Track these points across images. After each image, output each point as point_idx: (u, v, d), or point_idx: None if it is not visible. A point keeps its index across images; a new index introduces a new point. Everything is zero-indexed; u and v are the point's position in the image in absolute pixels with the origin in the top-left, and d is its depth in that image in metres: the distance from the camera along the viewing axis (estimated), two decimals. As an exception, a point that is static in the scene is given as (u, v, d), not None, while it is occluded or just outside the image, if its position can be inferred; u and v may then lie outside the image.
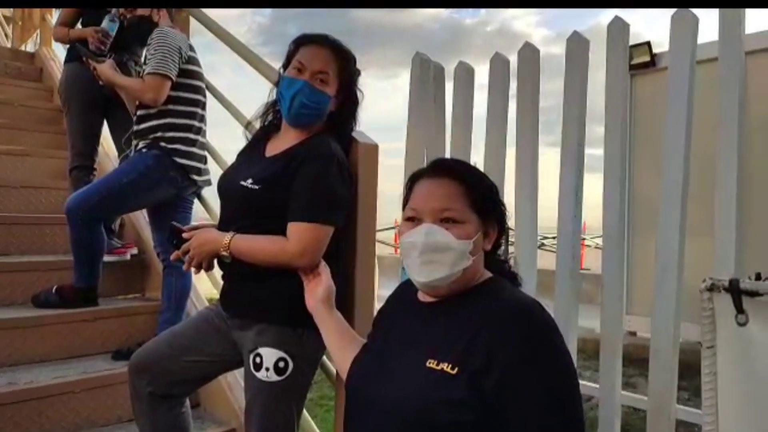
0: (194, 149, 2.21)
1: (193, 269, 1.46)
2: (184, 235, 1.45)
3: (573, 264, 1.78)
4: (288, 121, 1.47)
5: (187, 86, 2.20)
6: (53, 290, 2.22)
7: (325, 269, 1.29)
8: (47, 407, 1.88)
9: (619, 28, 1.71)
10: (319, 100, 1.43)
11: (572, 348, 1.78)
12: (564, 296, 1.80)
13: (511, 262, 1.15)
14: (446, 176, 1.03)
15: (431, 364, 0.94)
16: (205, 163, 2.30)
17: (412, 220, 1.03)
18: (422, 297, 1.08)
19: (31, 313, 2.16)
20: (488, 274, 1.07)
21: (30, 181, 2.87)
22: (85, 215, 2.10)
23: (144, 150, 2.16)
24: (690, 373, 3.36)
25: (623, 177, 1.71)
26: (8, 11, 4.86)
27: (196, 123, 2.23)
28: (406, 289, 1.13)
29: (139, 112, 2.20)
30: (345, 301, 1.52)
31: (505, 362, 0.89)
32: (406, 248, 1.02)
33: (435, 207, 1.01)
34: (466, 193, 1.02)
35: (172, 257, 1.50)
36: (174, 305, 2.23)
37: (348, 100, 1.50)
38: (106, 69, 2.23)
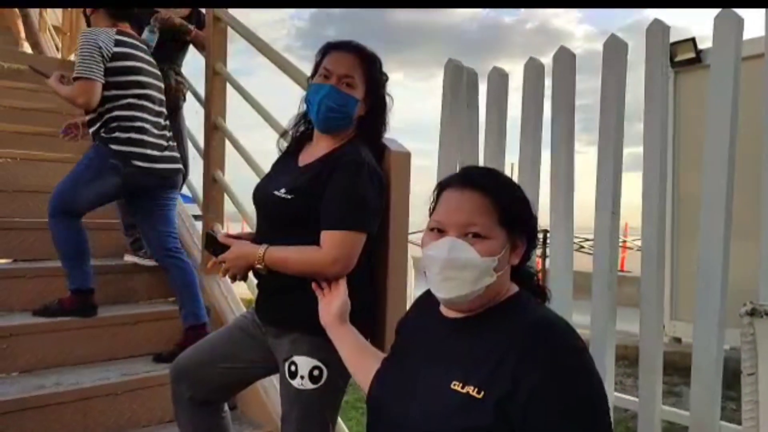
0: (134, 135, 2.22)
1: (229, 279, 1.50)
2: (220, 239, 1.49)
3: (611, 274, 1.74)
4: (318, 127, 1.49)
5: (118, 83, 2.22)
6: (56, 301, 2.23)
7: (339, 284, 1.24)
8: (91, 408, 1.95)
9: (658, 31, 1.65)
10: (346, 103, 1.44)
11: (610, 359, 1.74)
12: (601, 307, 1.75)
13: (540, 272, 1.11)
14: (474, 188, 0.99)
15: (456, 386, 0.92)
16: (162, 150, 2.31)
17: (435, 231, 1.00)
18: (446, 311, 1.05)
19: (76, 317, 2.24)
20: (514, 289, 1.03)
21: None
22: (54, 211, 2.20)
23: (90, 146, 2.26)
24: (739, 381, 3.23)
25: (662, 179, 1.64)
26: (58, 22, 5.06)
27: (136, 113, 2.25)
28: (428, 298, 1.10)
29: (86, 117, 2.29)
30: (377, 309, 1.53)
31: (530, 389, 0.86)
32: (428, 262, 0.99)
33: (460, 221, 0.97)
34: (494, 206, 0.97)
35: (209, 265, 1.54)
36: (187, 298, 2.28)
37: (376, 104, 1.51)
38: (52, 82, 2.32)
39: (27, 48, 4.64)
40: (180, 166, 2.38)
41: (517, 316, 0.96)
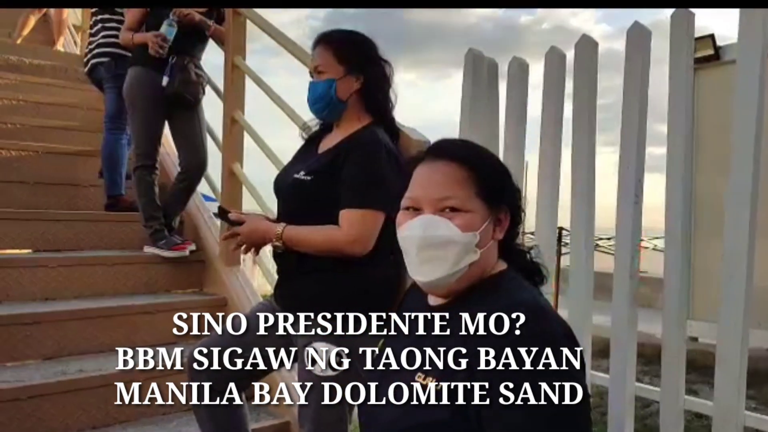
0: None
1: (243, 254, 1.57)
2: (231, 217, 1.52)
3: (632, 266, 1.72)
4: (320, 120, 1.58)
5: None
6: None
7: None
8: (112, 394, 1.97)
9: (683, 18, 1.65)
10: (320, 90, 1.49)
11: (632, 354, 1.72)
12: (622, 299, 1.73)
13: (533, 252, 0.99)
14: (448, 159, 0.90)
15: (419, 378, 0.86)
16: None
17: (410, 209, 0.91)
18: (431, 298, 0.98)
19: (97, 305, 2.28)
20: (501, 266, 0.93)
21: (97, 180, 3.02)
22: None
23: None
24: (757, 380, 3.19)
25: (687, 176, 1.63)
26: (77, 20, 5.11)
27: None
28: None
29: None
30: (398, 295, 1.53)
31: (485, 377, 0.78)
32: (404, 244, 0.90)
33: (435, 195, 0.88)
34: (471, 177, 0.88)
35: (221, 238, 1.57)
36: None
37: (369, 75, 1.50)
38: None
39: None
40: (96, 60, 3.05)
41: (493, 299, 0.85)
